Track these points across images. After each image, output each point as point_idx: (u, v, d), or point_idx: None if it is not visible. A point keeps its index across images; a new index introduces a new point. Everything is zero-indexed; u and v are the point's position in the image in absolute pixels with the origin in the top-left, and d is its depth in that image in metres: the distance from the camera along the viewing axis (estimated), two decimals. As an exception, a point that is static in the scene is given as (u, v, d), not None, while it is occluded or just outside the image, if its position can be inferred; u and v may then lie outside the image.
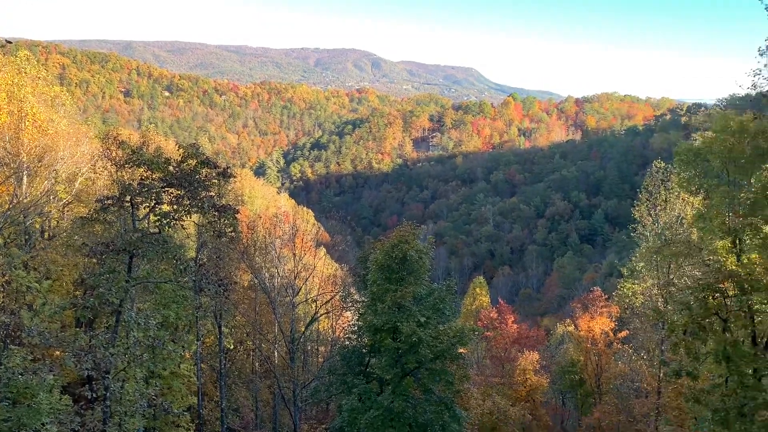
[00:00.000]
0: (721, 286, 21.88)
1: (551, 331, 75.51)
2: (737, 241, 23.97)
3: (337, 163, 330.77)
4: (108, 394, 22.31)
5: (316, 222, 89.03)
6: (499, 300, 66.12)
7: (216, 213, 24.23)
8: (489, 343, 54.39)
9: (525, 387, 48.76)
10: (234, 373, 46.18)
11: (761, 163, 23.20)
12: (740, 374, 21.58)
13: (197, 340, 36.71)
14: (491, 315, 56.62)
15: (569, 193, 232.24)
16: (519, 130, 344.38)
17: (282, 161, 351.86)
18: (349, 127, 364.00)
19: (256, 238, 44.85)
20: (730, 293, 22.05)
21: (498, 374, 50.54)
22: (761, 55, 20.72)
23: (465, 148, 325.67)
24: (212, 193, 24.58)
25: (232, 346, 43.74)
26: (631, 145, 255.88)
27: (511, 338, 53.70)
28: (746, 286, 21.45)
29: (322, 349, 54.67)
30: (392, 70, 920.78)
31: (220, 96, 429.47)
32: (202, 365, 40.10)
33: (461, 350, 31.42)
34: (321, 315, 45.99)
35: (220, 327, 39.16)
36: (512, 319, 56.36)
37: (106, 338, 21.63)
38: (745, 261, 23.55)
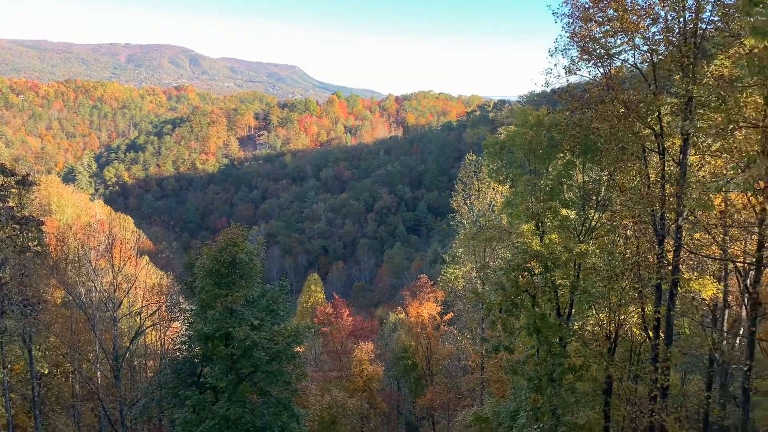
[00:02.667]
0: (529, 265, 24.11)
1: (384, 321, 77.98)
2: (539, 224, 26.63)
3: (158, 165, 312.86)
4: None
5: (136, 229, 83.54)
6: (334, 295, 67.16)
7: (16, 226, 21.82)
8: (326, 338, 55.04)
9: (362, 377, 50.00)
10: (51, 399, 42.19)
11: (556, 153, 25.98)
12: (548, 344, 24.01)
13: (3, 368, 33.00)
14: (327, 310, 57.40)
15: (395, 187, 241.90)
16: (345, 127, 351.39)
17: (94, 165, 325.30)
18: (169, 126, 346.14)
19: (67, 251, 41.35)
20: (537, 271, 24.38)
21: (336, 368, 51.38)
22: (551, 55, 22.98)
23: (293, 146, 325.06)
24: (11, 204, 22.04)
25: (46, 371, 40.03)
26: (447, 139, 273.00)
27: (346, 331, 54.83)
28: (549, 263, 23.87)
29: (150, 363, 51.74)
30: (212, 67, 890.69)
31: (18, 96, 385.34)
32: (11, 395, 36.15)
33: (298, 349, 31.43)
34: (147, 327, 43.61)
35: (30, 351, 35.57)
36: (347, 312, 57.61)
37: None
38: (547, 241, 26.25)
